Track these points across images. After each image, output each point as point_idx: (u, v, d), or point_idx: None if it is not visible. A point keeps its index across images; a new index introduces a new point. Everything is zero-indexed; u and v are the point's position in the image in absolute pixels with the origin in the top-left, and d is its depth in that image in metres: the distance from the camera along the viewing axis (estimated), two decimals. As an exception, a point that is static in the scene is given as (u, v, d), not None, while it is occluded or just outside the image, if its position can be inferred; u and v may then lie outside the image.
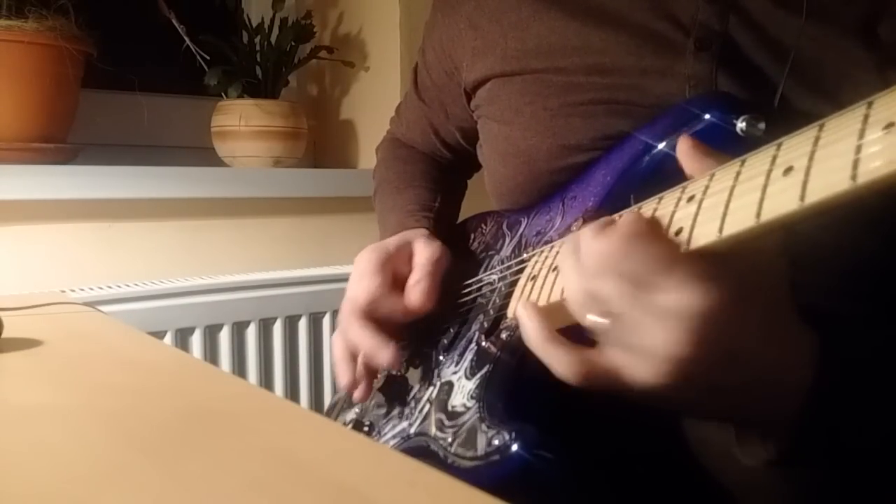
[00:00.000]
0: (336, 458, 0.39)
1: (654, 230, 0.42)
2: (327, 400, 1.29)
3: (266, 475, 0.36)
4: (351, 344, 0.65)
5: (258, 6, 1.47)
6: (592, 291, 0.43)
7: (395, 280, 0.66)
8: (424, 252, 0.67)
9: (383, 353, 0.62)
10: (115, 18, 1.30)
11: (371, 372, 0.67)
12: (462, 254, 0.73)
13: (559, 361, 0.46)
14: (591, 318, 0.44)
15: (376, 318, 0.64)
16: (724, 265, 0.40)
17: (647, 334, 0.42)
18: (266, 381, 1.23)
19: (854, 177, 0.32)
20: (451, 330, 0.65)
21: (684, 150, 0.47)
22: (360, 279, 0.65)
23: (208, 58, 1.32)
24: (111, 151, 1.32)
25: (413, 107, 0.87)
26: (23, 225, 1.11)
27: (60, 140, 1.17)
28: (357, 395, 0.66)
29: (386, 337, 0.63)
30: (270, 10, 1.38)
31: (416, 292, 0.64)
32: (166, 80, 1.40)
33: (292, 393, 1.26)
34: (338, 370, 0.66)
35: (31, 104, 1.12)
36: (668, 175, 0.50)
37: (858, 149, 0.32)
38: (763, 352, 0.42)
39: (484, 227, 0.74)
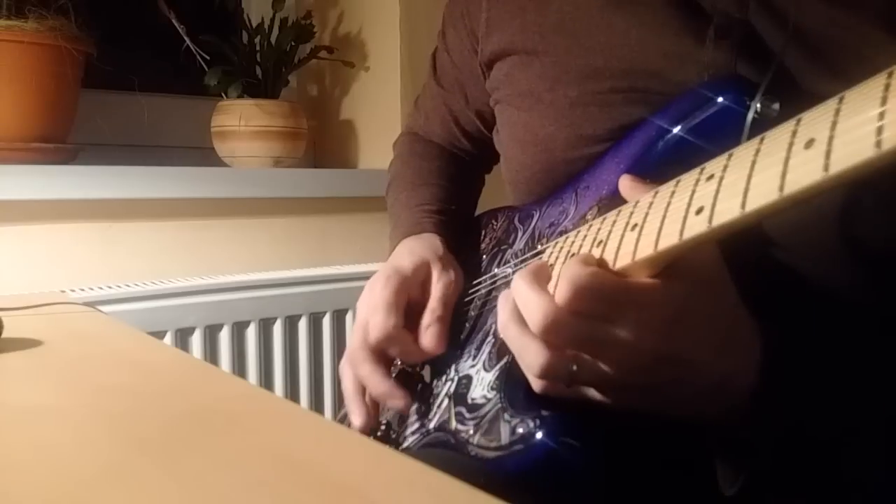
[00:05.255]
0: (336, 458, 0.39)
1: (594, 272, 0.44)
2: (327, 400, 1.29)
3: (266, 475, 0.36)
4: (363, 379, 0.65)
5: (258, 6, 1.47)
6: (554, 356, 0.45)
7: (410, 306, 0.66)
8: (439, 286, 0.66)
9: (396, 400, 0.62)
10: (115, 18, 1.30)
11: (377, 406, 0.67)
12: (473, 251, 0.73)
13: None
14: (562, 374, 0.46)
15: (387, 355, 0.64)
16: (663, 291, 0.43)
17: (608, 364, 0.44)
18: (266, 381, 1.23)
19: (878, 143, 0.31)
20: (467, 325, 0.65)
21: (627, 186, 0.50)
22: (375, 311, 0.64)
23: (208, 58, 1.32)
24: (111, 151, 1.32)
25: (432, 95, 0.86)
26: (23, 225, 1.11)
27: (60, 140, 1.17)
28: (363, 430, 0.66)
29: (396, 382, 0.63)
30: (270, 10, 1.38)
31: (429, 337, 0.63)
32: (166, 80, 1.40)
33: (292, 393, 1.26)
34: (351, 406, 0.66)
35: (31, 104, 1.12)
36: (682, 160, 0.50)
37: (882, 115, 0.32)
38: (710, 364, 0.45)
39: (495, 223, 0.74)
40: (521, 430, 0.49)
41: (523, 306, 0.47)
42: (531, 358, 0.46)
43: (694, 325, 0.44)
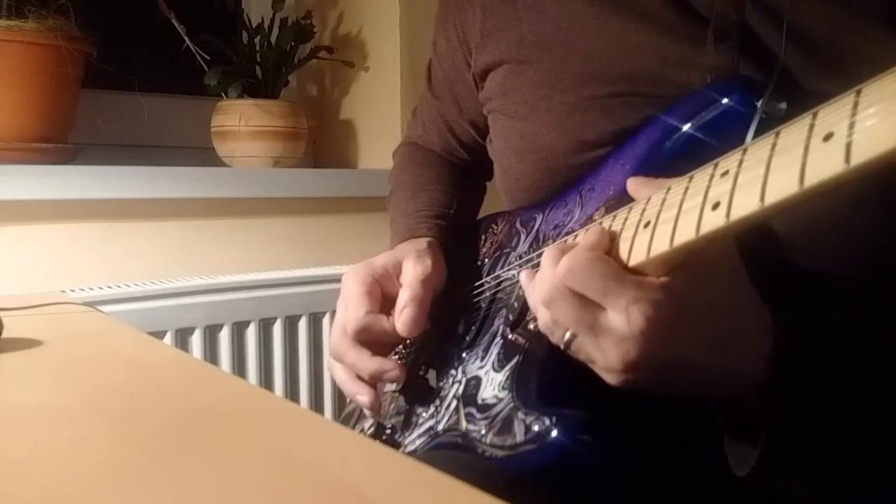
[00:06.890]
0: (336, 459, 0.39)
1: (596, 256, 0.45)
2: (327, 400, 1.29)
3: (266, 475, 0.36)
4: (351, 366, 0.65)
5: (258, 6, 1.47)
6: (549, 316, 0.47)
7: (386, 299, 0.66)
8: (413, 271, 0.66)
9: (389, 372, 0.63)
10: (115, 18, 1.30)
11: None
12: (473, 254, 0.72)
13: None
14: (556, 339, 0.48)
15: (367, 342, 0.65)
16: (669, 279, 0.43)
17: (598, 350, 0.45)
18: (266, 381, 1.23)
19: None
20: (473, 328, 0.65)
21: (635, 187, 0.50)
22: (347, 305, 0.66)
23: (208, 58, 1.32)
24: (111, 151, 1.32)
25: (428, 105, 0.86)
26: (23, 225, 1.11)
27: (60, 140, 1.17)
28: (374, 408, 0.66)
29: (384, 356, 0.64)
30: (270, 10, 1.38)
31: (403, 318, 0.64)
32: (166, 81, 1.40)
33: (292, 393, 1.26)
34: (351, 390, 0.66)
35: (31, 104, 1.12)
36: (689, 160, 0.49)
37: None
38: (711, 358, 0.45)
39: (495, 227, 0.73)
40: (536, 428, 0.49)
41: (537, 276, 0.49)
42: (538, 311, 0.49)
43: (695, 318, 0.44)
